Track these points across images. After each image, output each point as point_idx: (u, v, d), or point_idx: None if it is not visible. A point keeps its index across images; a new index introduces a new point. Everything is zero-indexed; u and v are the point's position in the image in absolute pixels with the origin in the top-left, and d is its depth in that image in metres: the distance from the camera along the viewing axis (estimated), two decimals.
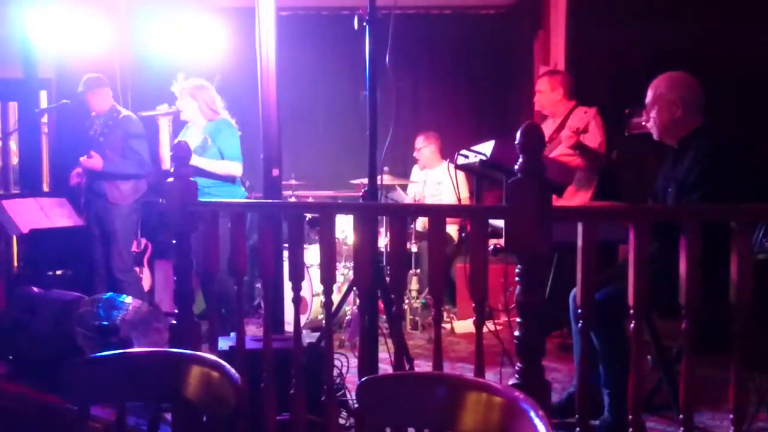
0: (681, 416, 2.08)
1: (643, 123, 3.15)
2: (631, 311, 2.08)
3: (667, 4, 5.12)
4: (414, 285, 5.34)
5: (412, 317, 5.17)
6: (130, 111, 5.11)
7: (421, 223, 5.72)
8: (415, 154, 6.14)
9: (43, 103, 6.09)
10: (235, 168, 4.58)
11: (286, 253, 3.74)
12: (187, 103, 4.62)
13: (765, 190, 2.71)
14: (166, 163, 4.76)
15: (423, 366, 3.90)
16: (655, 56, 4.80)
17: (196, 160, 4.39)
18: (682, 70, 3.07)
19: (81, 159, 4.83)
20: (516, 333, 2.12)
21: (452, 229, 5.88)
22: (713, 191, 2.76)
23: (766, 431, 3.03)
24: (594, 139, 4.31)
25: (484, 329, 2.24)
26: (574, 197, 4.26)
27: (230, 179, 4.59)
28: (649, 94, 3.06)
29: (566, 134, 4.13)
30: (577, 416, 2.14)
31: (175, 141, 4.57)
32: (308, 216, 4.81)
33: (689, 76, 3.03)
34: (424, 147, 6.06)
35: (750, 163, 3.11)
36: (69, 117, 5.43)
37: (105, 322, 3.63)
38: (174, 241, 2.81)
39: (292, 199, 5.42)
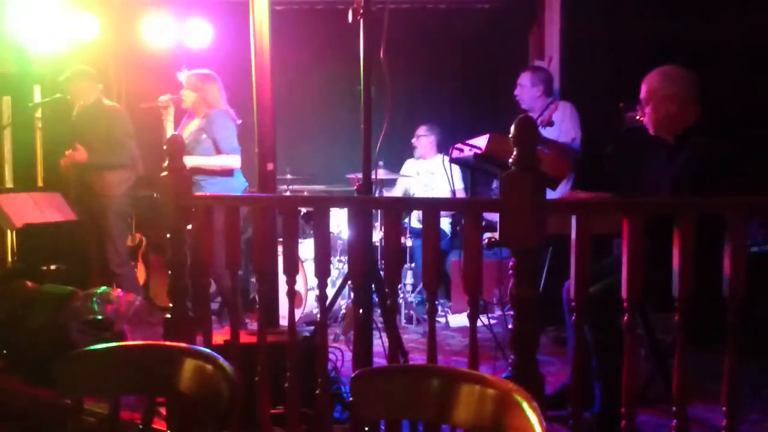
0: (674, 408, 2.09)
1: (638, 118, 3.14)
2: (625, 304, 2.09)
3: None
4: (409, 279, 5.35)
5: (407, 311, 5.18)
6: (116, 103, 5.10)
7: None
8: (413, 141, 6.16)
9: (37, 98, 6.07)
10: (233, 160, 4.55)
11: (281, 248, 3.73)
12: (189, 93, 4.63)
13: (760, 185, 2.71)
14: None
15: (418, 359, 3.90)
16: (651, 50, 4.80)
17: (190, 160, 4.39)
18: (677, 64, 3.06)
19: (66, 152, 4.83)
20: (510, 326, 2.13)
21: (446, 223, 5.89)
22: (708, 187, 2.76)
23: (759, 423, 3.04)
24: (567, 134, 4.32)
25: (479, 323, 2.25)
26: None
27: (227, 173, 4.58)
28: (644, 90, 3.05)
29: None
30: (569, 408, 2.14)
31: (175, 132, 4.59)
32: (303, 210, 4.81)
33: (683, 69, 3.03)
34: (424, 136, 6.08)
35: (746, 160, 3.12)
36: (63, 111, 5.41)
37: (99, 316, 3.63)
38: (168, 236, 2.81)
39: (287, 194, 5.42)
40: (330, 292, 3.48)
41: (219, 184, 4.49)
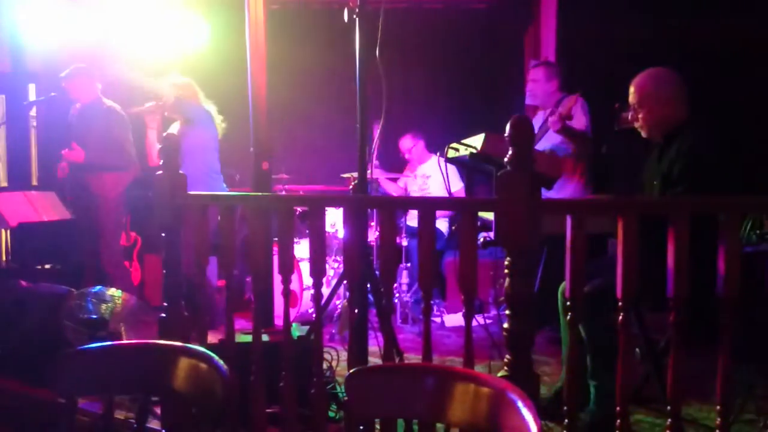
0: (669, 408, 2.09)
1: (630, 119, 3.15)
2: (620, 304, 2.09)
3: None
4: (404, 279, 5.35)
5: (402, 311, 5.19)
6: (114, 103, 5.08)
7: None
8: (406, 156, 6.12)
9: (32, 96, 6.05)
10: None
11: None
12: (171, 99, 4.62)
13: (752, 183, 2.72)
14: (154, 160, 4.75)
15: (413, 359, 3.90)
16: (646, 51, 4.80)
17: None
18: (673, 63, 3.07)
19: (63, 152, 4.82)
20: (505, 325, 2.13)
21: (443, 223, 5.88)
22: (697, 184, 2.78)
23: (753, 423, 3.04)
24: (579, 122, 4.31)
25: (474, 322, 2.25)
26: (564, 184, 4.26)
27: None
28: (635, 95, 3.06)
29: (552, 119, 4.10)
30: (565, 408, 2.14)
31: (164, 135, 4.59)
32: (299, 209, 4.82)
33: (670, 70, 3.04)
34: (413, 146, 6.04)
35: (735, 156, 3.13)
36: (58, 110, 5.40)
37: (94, 316, 3.62)
38: (163, 235, 2.80)
39: (283, 193, 5.42)
40: (326, 291, 3.48)
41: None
